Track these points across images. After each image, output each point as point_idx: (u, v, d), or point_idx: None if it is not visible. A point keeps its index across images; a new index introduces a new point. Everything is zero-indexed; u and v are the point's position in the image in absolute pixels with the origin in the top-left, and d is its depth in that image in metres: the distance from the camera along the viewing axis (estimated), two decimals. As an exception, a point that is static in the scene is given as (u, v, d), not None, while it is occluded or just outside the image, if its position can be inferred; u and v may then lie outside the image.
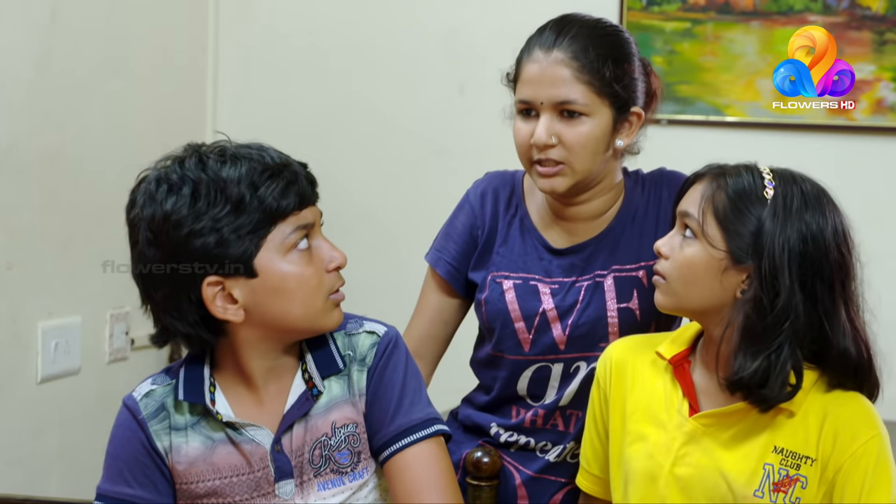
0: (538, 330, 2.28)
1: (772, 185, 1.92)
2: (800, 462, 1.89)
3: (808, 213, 1.90)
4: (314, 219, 1.88)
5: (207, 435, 1.90)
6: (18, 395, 3.06)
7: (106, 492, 1.92)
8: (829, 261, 1.89)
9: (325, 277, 1.87)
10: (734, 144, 3.46)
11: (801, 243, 1.88)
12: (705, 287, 1.93)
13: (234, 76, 3.84)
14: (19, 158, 3.03)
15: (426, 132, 3.71)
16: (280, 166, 1.84)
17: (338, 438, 1.90)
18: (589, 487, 2.16)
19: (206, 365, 1.93)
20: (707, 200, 1.92)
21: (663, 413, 2.01)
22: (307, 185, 1.87)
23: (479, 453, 2.25)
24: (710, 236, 1.91)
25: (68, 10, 3.17)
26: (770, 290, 1.87)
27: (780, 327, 1.87)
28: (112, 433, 1.94)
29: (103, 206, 3.29)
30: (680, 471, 1.96)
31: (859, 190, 3.43)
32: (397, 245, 3.68)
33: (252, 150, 1.86)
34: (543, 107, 2.19)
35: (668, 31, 3.48)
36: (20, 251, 3.05)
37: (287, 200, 1.82)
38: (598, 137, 2.19)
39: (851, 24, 3.38)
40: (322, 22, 3.78)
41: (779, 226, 1.88)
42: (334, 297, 1.89)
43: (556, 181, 2.21)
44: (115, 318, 3.39)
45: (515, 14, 3.56)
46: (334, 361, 1.92)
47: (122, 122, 3.40)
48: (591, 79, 2.17)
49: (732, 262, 1.90)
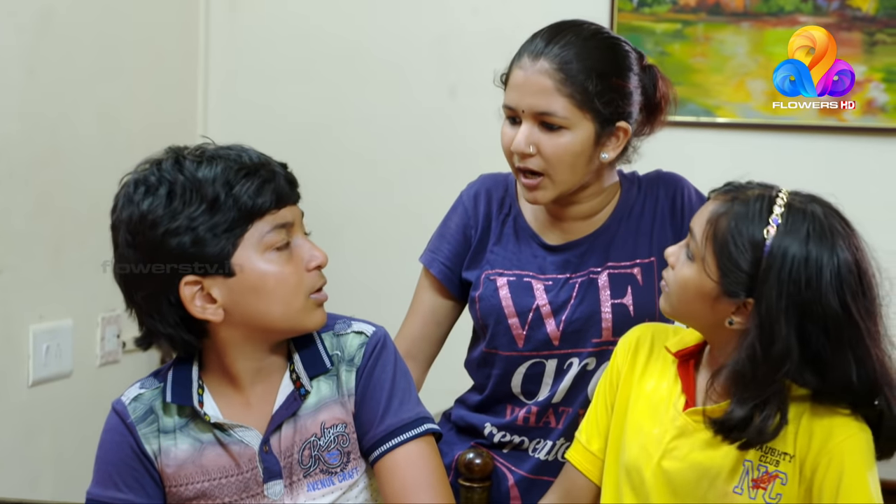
0: (532, 326, 2.28)
1: (777, 222, 1.84)
2: (779, 458, 1.89)
3: (811, 259, 1.82)
4: (293, 218, 1.88)
5: (196, 437, 1.90)
6: (10, 398, 3.06)
7: (96, 496, 1.92)
8: (823, 306, 1.81)
9: (305, 276, 1.87)
10: (725, 145, 3.47)
11: (798, 290, 1.81)
12: (697, 309, 1.92)
13: (224, 81, 3.84)
14: (10, 162, 3.02)
15: (417, 136, 3.71)
16: (257, 165, 1.84)
17: (327, 439, 1.91)
18: (581, 463, 2.10)
19: (194, 367, 1.93)
20: (711, 226, 1.88)
21: (662, 405, 2.00)
22: (285, 184, 1.87)
23: (471, 454, 2.25)
24: (706, 263, 1.88)
25: (59, 15, 3.17)
26: (765, 337, 1.82)
27: (773, 375, 1.83)
28: (101, 437, 1.95)
29: (94, 209, 3.28)
30: (667, 464, 1.96)
31: (850, 191, 3.41)
32: (388, 249, 3.68)
33: (231, 150, 1.87)
34: (525, 115, 2.18)
35: (659, 32, 3.49)
36: (11, 255, 3.04)
37: (263, 199, 1.82)
38: (577, 151, 2.19)
39: (842, 24, 3.38)
40: (313, 27, 3.78)
41: (775, 270, 1.82)
42: (315, 296, 1.88)
43: (537, 194, 2.22)
44: (107, 321, 3.39)
45: (506, 17, 3.57)
46: (321, 361, 1.92)
47: (113, 127, 3.39)
48: (574, 92, 2.16)
49: (724, 294, 1.87)
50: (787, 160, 3.37)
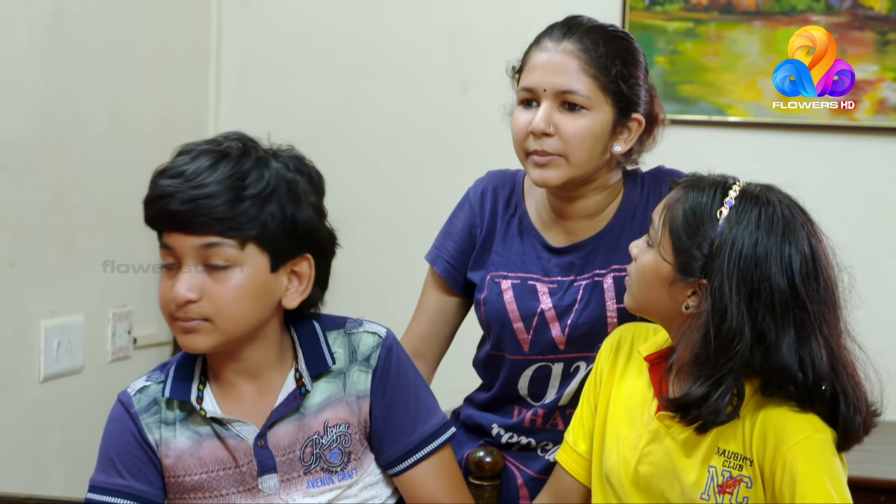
0: (537, 330, 2.28)
1: (730, 204, 1.88)
2: (741, 463, 1.88)
3: (762, 240, 1.85)
4: (181, 248, 1.87)
5: (194, 430, 1.94)
6: (21, 393, 3.07)
7: (99, 483, 1.95)
8: (771, 286, 1.84)
9: (168, 301, 1.88)
10: (736, 145, 3.47)
11: (748, 269, 1.84)
12: (655, 296, 1.93)
13: (236, 77, 3.85)
14: (23, 158, 3.03)
15: (429, 131, 3.71)
16: (169, 183, 1.87)
17: (329, 438, 1.93)
18: (568, 464, 2.12)
19: (198, 361, 1.97)
20: (667, 211, 1.92)
21: (637, 409, 2.01)
22: (185, 213, 1.86)
23: (482, 453, 2.25)
24: (662, 247, 1.91)
25: (71, 10, 3.17)
26: (717, 315, 1.84)
27: (726, 352, 1.84)
28: (105, 427, 1.98)
29: (106, 205, 3.30)
30: (643, 469, 1.96)
31: (861, 190, 3.44)
32: (400, 245, 3.68)
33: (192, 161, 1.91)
34: (546, 94, 2.19)
35: (671, 30, 3.48)
36: (23, 250, 3.05)
37: (150, 212, 1.88)
38: (597, 134, 2.19)
39: (854, 24, 3.38)
40: (325, 22, 3.78)
41: (727, 250, 1.85)
42: (177, 323, 1.89)
43: (548, 173, 2.20)
44: (118, 316, 3.39)
45: (519, 13, 3.56)
46: (324, 360, 1.95)
47: (125, 123, 3.40)
48: (598, 73, 2.18)
49: (679, 276, 1.89)
50: (798, 159, 3.37)
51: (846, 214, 3.28)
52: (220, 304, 1.85)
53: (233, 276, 1.86)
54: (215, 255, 1.85)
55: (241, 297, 1.86)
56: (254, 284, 1.87)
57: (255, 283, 1.87)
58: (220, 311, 1.85)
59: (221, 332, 1.87)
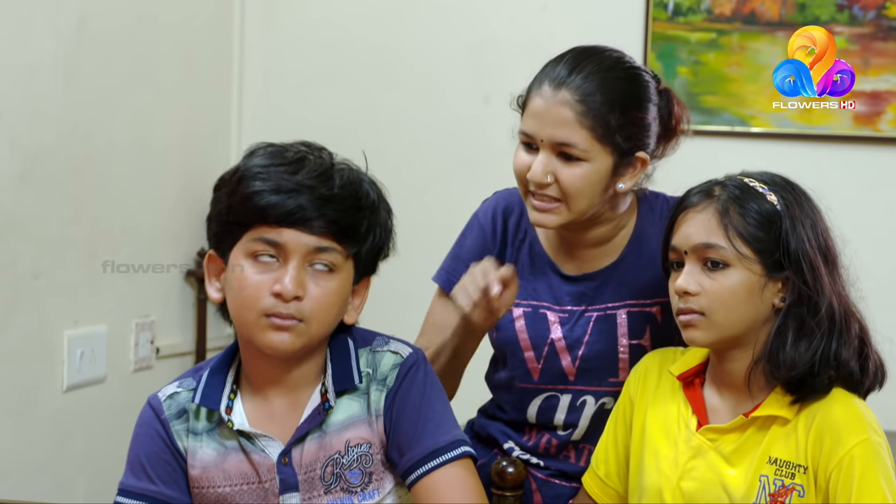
0: (547, 359, 2.27)
1: (768, 191, 1.96)
2: (794, 471, 1.89)
3: (809, 212, 1.97)
4: (292, 245, 1.84)
5: (221, 442, 1.91)
6: (44, 403, 3.08)
7: (129, 486, 1.93)
8: (836, 254, 1.97)
9: (265, 295, 1.83)
10: (759, 155, 3.43)
11: (818, 242, 1.95)
12: (749, 308, 1.94)
13: (259, 88, 3.85)
14: (46, 169, 3.05)
15: (451, 142, 3.71)
16: (296, 179, 1.87)
17: (350, 457, 1.90)
18: (589, 486, 2.15)
19: (230, 371, 1.94)
20: (725, 228, 1.94)
21: (675, 428, 2.01)
22: (313, 211, 1.85)
23: (504, 463, 2.25)
24: (744, 258, 1.93)
25: (95, 22, 3.19)
26: (817, 291, 1.92)
27: (828, 319, 1.92)
28: (135, 431, 1.96)
29: (129, 215, 3.31)
30: (686, 485, 1.97)
31: (885, 200, 3.43)
32: (421, 257, 3.67)
33: (307, 161, 1.91)
34: (543, 144, 2.14)
35: (694, 41, 3.48)
36: (47, 260, 3.07)
37: (267, 207, 1.84)
38: (595, 182, 2.14)
39: (878, 35, 3.37)
40: (347, 34, 3.79)
41: (799, 226, 1.93)
42: (271, 319, 1.83)
43: (546, 217, 2.17)
44: (141, 326, 3.40)
45: (542, 25, 3.56)
46: (351, 377, 1.91)
47: (147, 134, 3.41)
48: (595, 125, 2.11)
49: (770, 274, 1.93)
50: (821, 170, 3.35)
51: (870, 225, 3.27)
52: (316, 308, 1.83)
53: (333, 281, 1.85)
54: (325, 258, 1.84)
55: (333, 304, 1.86)
56: (343, 294, 1.87)
57: (343, 293, 1.87)
58: (314, 314, 1.83)
59: (309, 336, 1.84)
